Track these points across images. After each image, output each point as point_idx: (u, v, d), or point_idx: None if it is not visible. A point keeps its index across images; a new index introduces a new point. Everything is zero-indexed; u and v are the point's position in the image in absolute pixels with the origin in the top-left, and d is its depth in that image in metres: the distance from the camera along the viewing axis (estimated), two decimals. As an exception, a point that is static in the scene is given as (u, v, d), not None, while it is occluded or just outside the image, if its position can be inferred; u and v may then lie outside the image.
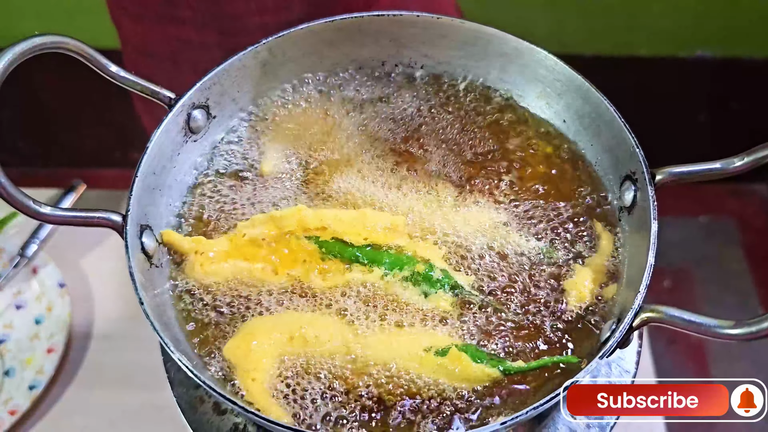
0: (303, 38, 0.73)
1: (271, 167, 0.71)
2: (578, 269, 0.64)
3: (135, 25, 1.01)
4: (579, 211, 0.69)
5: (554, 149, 0.73)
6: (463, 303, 0.63)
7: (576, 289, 0.63)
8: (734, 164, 0.61)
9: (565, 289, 0.63)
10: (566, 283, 0.64)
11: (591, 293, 0.63)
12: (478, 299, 0.63)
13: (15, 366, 0.94)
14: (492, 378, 0.58)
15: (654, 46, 1.96)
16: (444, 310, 0.62)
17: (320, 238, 0.64)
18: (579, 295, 0.63)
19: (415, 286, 0.62)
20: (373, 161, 0.72)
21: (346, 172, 0.71)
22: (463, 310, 0.62)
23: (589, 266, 0.65)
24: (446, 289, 0.62)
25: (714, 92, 2.02)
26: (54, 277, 1.00)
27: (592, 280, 0.63)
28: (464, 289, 0.63)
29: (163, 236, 0.65)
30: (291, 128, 0.74)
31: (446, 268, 0.64)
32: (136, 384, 0.94)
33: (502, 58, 0.74)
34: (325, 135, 0.74)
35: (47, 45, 0.57)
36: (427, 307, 0.62)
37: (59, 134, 2.00)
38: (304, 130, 0.74)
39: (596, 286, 0.63)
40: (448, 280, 0.63)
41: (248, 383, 0.57)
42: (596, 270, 0.64)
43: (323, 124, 0.75)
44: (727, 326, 0.52)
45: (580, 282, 0.63)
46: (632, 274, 0.62)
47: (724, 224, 1.96)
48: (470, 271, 0.65)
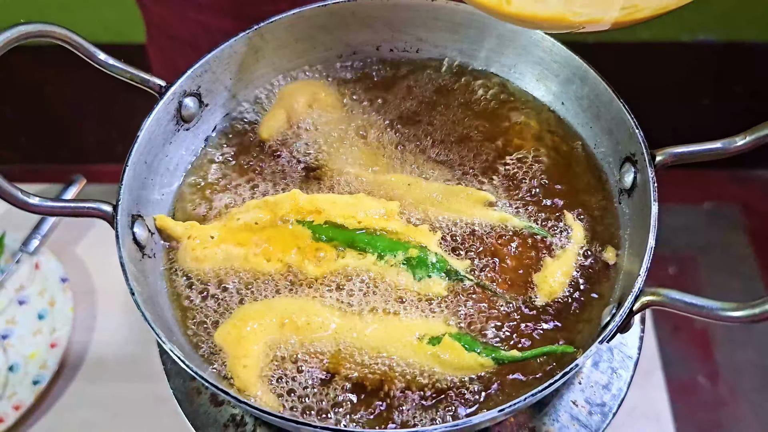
0: (295, 23, 0.72)
1: (270, 133, 0.71)
2: (547, 263, 0.63)
3: (157, 7, 1.00)
4: (575, 195, 0.68)
5: (552, 132, 0.72)
6: (457, 288, 0.62)
7: (546, 283, 0.62)
8: (736, 143, 0.59)
9: (536, 284, 0.62)
10: (535, 276, 0.62)
11: (561, 287, 0.62)
12: (473, 283, 0.62)
13: (19, 361, 0.94)
14: (485, 367, 0.57)
15: (656, 31, 1.94)
16: (438, 294, 0.61)
17: (314, 223, 0.64)
18: (550, 289, 0.62)
19: (409, 270, 0.62)
20: (368, 146, 0.71)
21: (340, 158, 0.70)
22: (458, 295, 0.62)
23: (559, 258, 0.63)
24: (441, 274, 0.62)
25: (717, 77, 1.99)
26: (56, 272, 1.00)
27: (563, 273, 0.62)
28: (459, 273, 0.62)
29: (157, 221, 0.64)
30: (285, 114, 0.74)
31: (441, 252, 0.63)
32: (139, 376, 0.94)
33: (498, 41, 0.73)
34: (320, 120, 0.73)
35: (33, 33, 0.56)
36: (422, 292, 0.61)
37: (62, 130, 2.00)
38: (299, 116, 0.73)
39: (567, 279, 0.62)
40: (442, 264, 0.62)
41: (239, 369, 0.57)
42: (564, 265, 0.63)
43: (320, 109, 0.74)
44: (729, 308, 0.51)
45: (551, 275, 0.62)
46: (632, 257, 0.61)
47: (728, 210, 1.94)
48: (465, 256, 0.64)
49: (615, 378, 0.67)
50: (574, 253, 0.64)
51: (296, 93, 0.74)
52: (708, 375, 1.66)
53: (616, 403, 0.66)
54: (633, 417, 0.92)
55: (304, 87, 0.75)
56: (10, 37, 0.55)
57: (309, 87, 0.75)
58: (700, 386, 1.66)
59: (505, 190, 0.68)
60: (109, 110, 1.70)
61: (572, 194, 0.68)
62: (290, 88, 0.75)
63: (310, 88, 0.75)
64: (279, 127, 0.72)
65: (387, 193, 0.67)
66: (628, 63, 1.87)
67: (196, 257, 0.63)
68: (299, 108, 0.73)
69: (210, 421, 0.64)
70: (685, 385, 1.66)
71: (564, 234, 0.65)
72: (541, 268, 0.63)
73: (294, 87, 0.75)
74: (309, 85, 0.75)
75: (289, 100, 0.73)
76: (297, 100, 0.73)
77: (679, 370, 1.65)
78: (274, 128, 0.72)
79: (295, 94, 0.74)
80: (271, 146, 0.72)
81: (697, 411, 1.62)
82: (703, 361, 1.67)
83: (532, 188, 0.68)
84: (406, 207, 0.66)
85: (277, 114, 0.73)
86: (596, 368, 0.67)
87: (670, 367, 1.02)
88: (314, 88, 0.74)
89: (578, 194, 0.68)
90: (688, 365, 1.68)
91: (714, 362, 1.66)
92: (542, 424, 0.65)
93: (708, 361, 1.66)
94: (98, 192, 1.12)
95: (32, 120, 2.01)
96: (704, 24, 1.93)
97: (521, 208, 0.67)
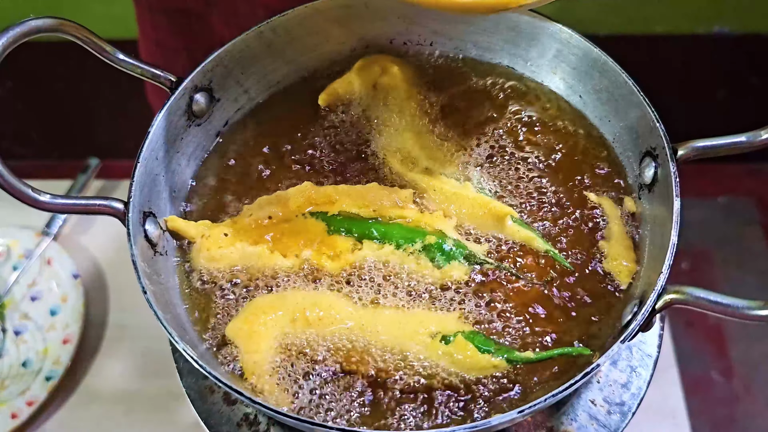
0: (308, 17, 0.71)
1: (328, 100, 0.72)
2: (606, 246, 0.63)
3: None
4: (594, 189, 0.66)
5: (570, 126, 0.71)
6: (476, 276, 0.61)
7: (618, 268, 0.61)
8: (761, 137, 0.58)
9: (610, 271, 0.61)
10: (606, 264, 0.62)
11: (632, 261, 0.62)
12: (493, 266, 0.61)
13: (32, 357, 0.94)
14: (498, 368, 0.56)
15: (670, 23, 1.91)
16: (459, 279, 0.60)
17: (328, 214, 0.63)
18: (627, 269, 0.61)
19: (428, 257, 0.61)
20: (383, 137, 0.70)
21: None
22: (476, 287, 0.61)
23: (612, 239, 0.63)
24: (460, 259, 0.61)
25: (733, 68, 1.96)
26: (68, 268, 1.00)
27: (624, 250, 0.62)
28: (479, 257, 0.61)
29: (168, 223, 0.63)
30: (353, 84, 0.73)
31: (458, 238, 0.62)
32: (151, 372, 0.94)
33: (514, 33, 0.72)
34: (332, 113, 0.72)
35: (43, 28, 0.55)
36: (443, 279, 0.60)
37: (74, 125, 2.00)
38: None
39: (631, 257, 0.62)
40: (461, 249, 0.61)
41: (250, 364, 0.56)
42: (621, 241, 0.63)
43: (388, 88, 0.73)
44: (756, 307, 0.49)
45: (617, 258, 0.62)
46: (654, 254, 0.60)
47: (742, 204, 1.92)
48: (483, 240, 0.63)
49: (634, 377, 0.66)
50: (620, 226, 0.63)
51: (373, 64, 0.73)
52: (722, 370, 1.64)
53: (635, 403, 0.64)
54: (648, 413, 0.90)
55: (382, 60, 0.73)
56: (20, 33, 0.54)
57: (385, 62, 0.73)
58: (714, 382, 1.64)
59: (522, 185, 0.67)
60: (122, 104, 1.70)
61: (590, 189, 0.66)
62: (370, 60, 0.73)
63: (386, 62, 0.73)
64: (343, 94, 0.72)
65: (399, 183, 0.67)
66: (642, 56, 1.84)
67: (211, 257, 0.62)
68: (367, 80, 0.72)
69: (223, 420, 0.63)
70: (699, 381, 1.64)
71: (595, 217, 0.64)
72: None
73: (373, 59, 0.74)
74: (387, 60, 0.73)
75: (363, 71, 0.72)
76: (371, 71, 0.72)
77: (694, 365, 1.64)
78: (335, 96, 0.72)
79: (372, 65, 0.73)
80: (323, 112, 0.72)
81: (712, 407, 1.61)
82: (717, 357, 1.65)
83: (550, 183, 0.67)
84: (421, 196, 0.65)
85: (346, 81, 0.72)
86: (615, 367, 0.66)
87: (684, 363, 1.01)
88: (392, 64, 0.73)
89: (597, 189, 0.67)
90: (703, 361, 1.66)
91: (728, 358, 1.64)
92: (560, 424, 0.64)
93: (722, 357, 1.65)
94: (113, 187, 1.12)
95: (44, 115, 2.02)
96: (720, 16, 1.90)
97: (538, 206, 0.66)
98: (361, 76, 0.73)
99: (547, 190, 0.67)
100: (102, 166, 1.11)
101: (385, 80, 0.73)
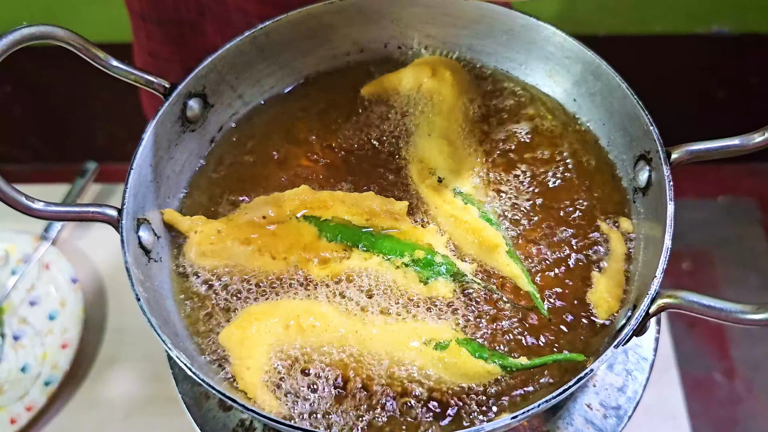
0: (301, 22, 0.71)
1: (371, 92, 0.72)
2: (597, 278, 0.61)
3: None
4: (588, 195, 0.66)
5: (564, 129, 0.71)
6: (465, 291, 0.60)
7: (601, 300, 0.60)
8: (754, 140, 0.57)
9: (590, 302, 0.60)
10: (589, 294, 0.61)
11: (617, 300, 0.60)
12: (480, 287, 0.61)
13: (30, 362, 0.94)
14: (492, 374, 0.56)
15: (669, 23, 1.91)
16: (444, 296, 0.60)
17: (321, 219, 0.63)
18: (608, 306, 0.60)
19: (417, 271, 0.60)
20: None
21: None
22: (466, 300, 0.60)
23: (605, 274, 0.61)
24: (447, 276, 0.60)
25: (732, 68, 1.96)
26: (66, 273, 1.00)
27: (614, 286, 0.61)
28: (466, 276, 0.61)
29: (165, 215, 0.64)
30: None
31: (448, 254, 0.62)
32: (150, 377, 0.94)
33: (508, 36, 0.72)
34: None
35: (36, 36, 0.55)
36: (428, 294, 0.60)
37: (71, 129, 2.00)
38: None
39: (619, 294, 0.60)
40: (449, 266, 0.61)
41: (242, 371, 0.56)
42: (614, 276, 0.61)
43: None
44: (749, 311, 0.49)
45: (602, 292, 0.60)
46: (648, 258, 0.60)
47: (743, 204, 1.91)
48: (472, 259, 0.63)
49: (630, 380, 0.65)
50: (619, 263, 0.61)
51: (426, 66, 0.72)
52: (724, 371, 1.64)
53: (631, 406, 0.64)
54: (648, 414, 0.90)
55: (437, 64, 0.73)
56: (12, 41, 0.54)
57: (440, 65, 0.72)
58: (715, 383, 1.64)
59: (516, 191, 0.67)
60: (120, 108, 1.70)
61: (585, 193, 0.66)
62: (426, 60, 0.73)
63: (441, 66, 0.72)
64: (388, 88, 0.72)
65: (393, 192, 0.66)
66: (640, 57, 1.84)
67: (202, 252, 0.62)
68: (416, 80, 0.72)
69: (219, 426, 0.63)
70: (700, 382, 1.64)
71: (596, 245, 0.63)
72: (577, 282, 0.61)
73: (430, 59, 0.73)
74: (442, 64, 0.73)
75: (416, 70, 0.72)
76: (422, 71, 0.72)
77: (695, 366, 1.63)
78: (380, 89, 0.72)
79: (425, 66, 0.72)
80: (364, 102, 0.72)
81: (713, 408, 1.60)
82: (719, 358, 1.65)
83: (544, 188, 0.67)
84: (414, 207, 0.65)
85: (396, 78, 0.72)
86: (611, 370, 0.66)
87: (685, 364, 1.01)
88: (446, 69, 0.72)
89: (591, 193, 0.66)
90: (704, 362, 1.66)
91: (730, 358, 1.64)
92: (556, 428, 0.63)
93: (724, 358, 1.64)
94: (110, 192, 1.12)
95: (42, 119, 2.02)
96: (719, 15, 1.89)
97: (533, 209, 0.65)
98: (414, 74, 0.72)
99: (535, 194, 0.66)
100: (100, 169, 1.12)
101: (433, 84, 0.72)
